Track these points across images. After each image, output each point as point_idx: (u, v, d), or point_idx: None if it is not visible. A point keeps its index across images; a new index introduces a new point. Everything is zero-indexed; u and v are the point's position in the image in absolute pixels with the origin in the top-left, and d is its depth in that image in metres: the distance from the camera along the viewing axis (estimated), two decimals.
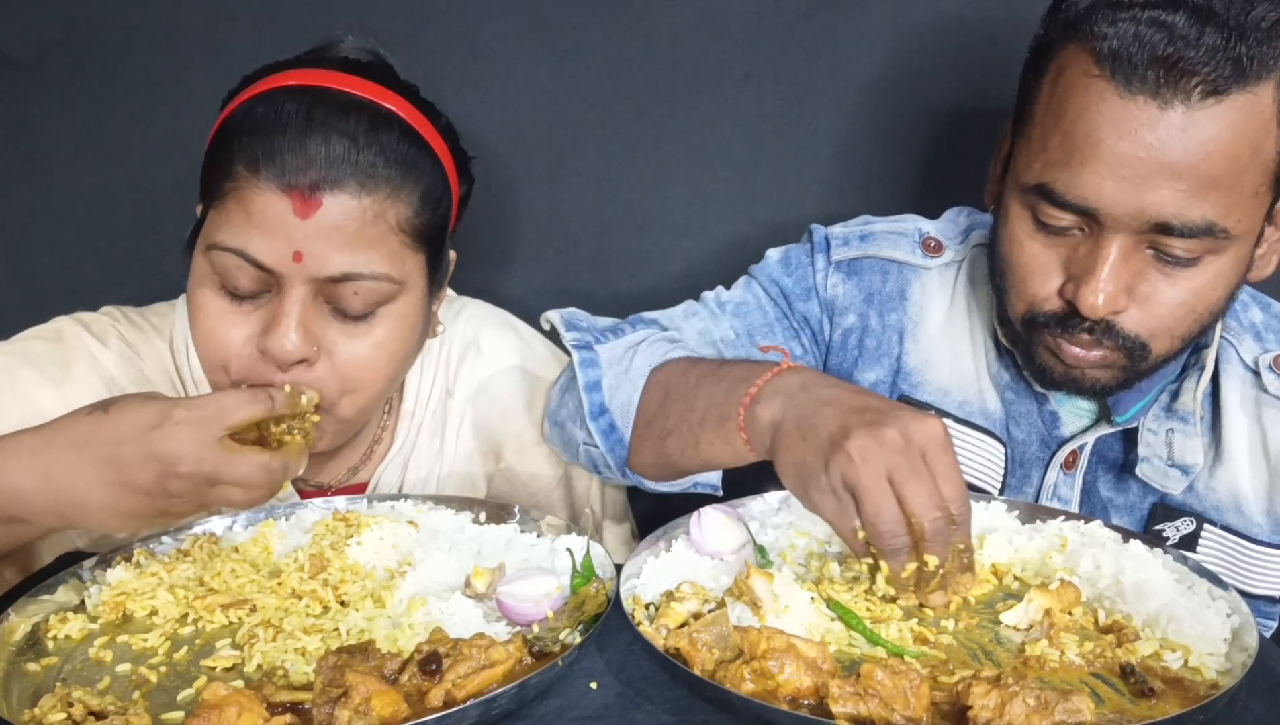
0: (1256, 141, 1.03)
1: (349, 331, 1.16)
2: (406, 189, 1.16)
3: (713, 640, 0.89)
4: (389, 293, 1.16)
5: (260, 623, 0.98)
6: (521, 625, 0.97)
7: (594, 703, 0.88)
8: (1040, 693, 0.81)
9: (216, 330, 1.14)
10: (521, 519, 1.16)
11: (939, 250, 1.35)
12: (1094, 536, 1.09)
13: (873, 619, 0.97)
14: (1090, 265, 1.08)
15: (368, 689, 0.82)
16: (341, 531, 1.12)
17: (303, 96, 1.14)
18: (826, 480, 0.95)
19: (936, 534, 0.93)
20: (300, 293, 1.12)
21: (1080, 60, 1.07)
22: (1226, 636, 0.92)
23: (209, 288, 1.15)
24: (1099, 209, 1.06)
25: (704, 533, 1.07)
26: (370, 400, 1.20)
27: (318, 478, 1.35)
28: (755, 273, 1.40)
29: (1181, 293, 1.09)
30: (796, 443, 0.99)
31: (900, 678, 0.82)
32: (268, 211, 1.10)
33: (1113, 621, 0.96)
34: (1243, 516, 1.23)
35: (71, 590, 1.05)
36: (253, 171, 1.10)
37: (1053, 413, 1.28)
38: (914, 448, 0.93)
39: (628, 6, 1.67)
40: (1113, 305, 1.08)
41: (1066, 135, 1.07)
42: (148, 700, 0.88)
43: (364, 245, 1.12)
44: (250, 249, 1.10)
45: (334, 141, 1.11)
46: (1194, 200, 1.03)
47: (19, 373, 1.22)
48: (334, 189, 1.11)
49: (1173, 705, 0.84)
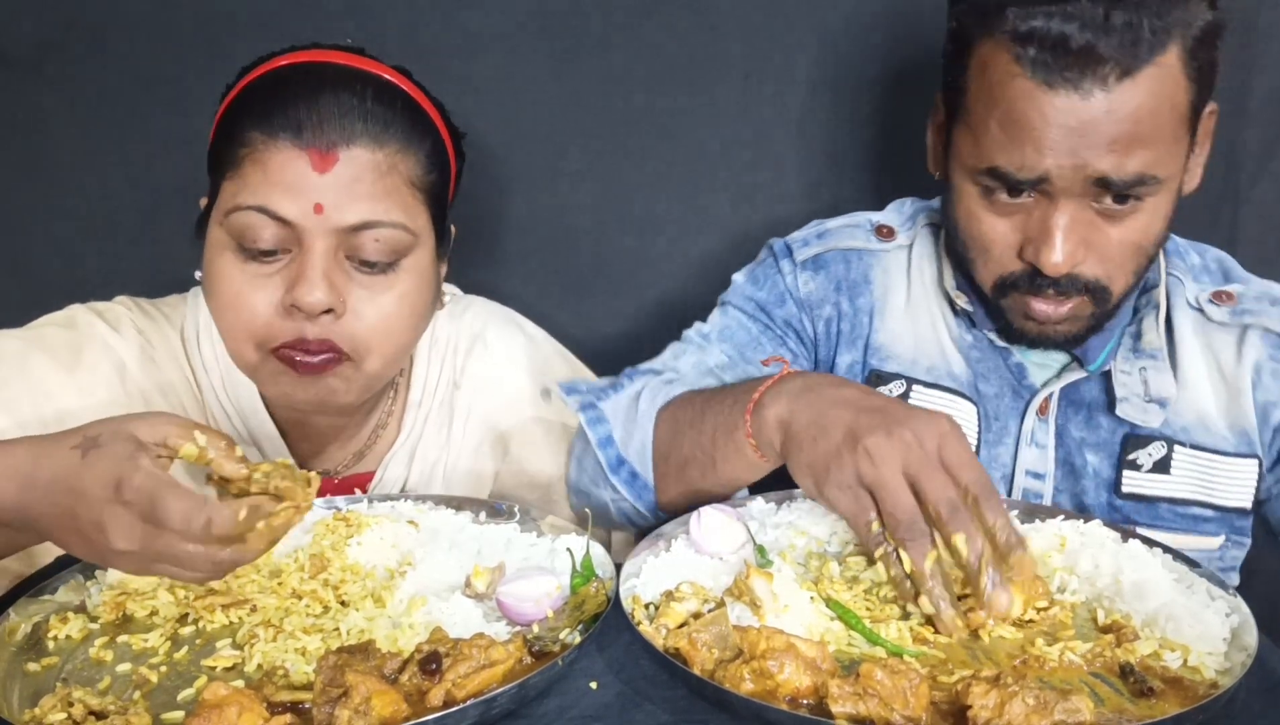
0: (1171, 98, 1.14)
1: (372, 286, 1.18)
2: (415, 145, 1.20)
3: (712, 640, 0.89)
4: (407, 243, 1.19)
5: (260, 622, 0.98)
6: (521, 625, 0.97)
7: (594, 702, 0.88)
8: (1040, 692, 0.81)
9: (241, 294, 1.16)
10: (521, 519, 1.16)
11: (891, 235, 1.44)
12: (1093, 536, 1.09)
13: (872, 619, 0.97)
14: (1046, 228, 1.18)
15: (368, 689, 0.82)
16: (342, 531, 1.12)
17: (309, 70, 1.19)
18: (844, 477, 0.98)
19: (954, 514, 0.94)
20: (323, 246, 1.14)
21: (1000, 58, 1.15)
22: (1226, 636, 0.92)
23: (229, 253, 1.16)
24: (1047, 178, 1.16)
25: (703, 532, 1.07)
26: (395, 353, 1.23)
27: (324, 464, 1.36)
28: (727, 299, 1.46)
29: (1129, 233, 1.20)
30: (809, 443, 1.02)
31: (899, 677, 0.82)
32: (286, 169, 1.13)
33: (1112, 621, 0.96)
34: (1209, 433, 1.32)
35: (71, 590, 1.05)
36: (269, 135, 1.14)
37: (1019, 364, 1.36)
38: (928, 444, 0.97)
39: (627, 7, 1.67)
40: (1072, 260, 1.18)
41: (1003, 123, 1.16)
42: (148, 700, 0.88)
43: (381, 195, 1.16)
44: (272, 204, 1.13)
45: (345, 101, 1.15)
46: (1127, 158, 1.13)
47: (32, 358, 1.22)
48: (349, 144, 1.14)
49: (1172, 705, 0.85)
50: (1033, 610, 0.98)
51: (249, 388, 1.28)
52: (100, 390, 1.24)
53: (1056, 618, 0.98)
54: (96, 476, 0.88)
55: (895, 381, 1.38)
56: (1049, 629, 0.97)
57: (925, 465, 0.96)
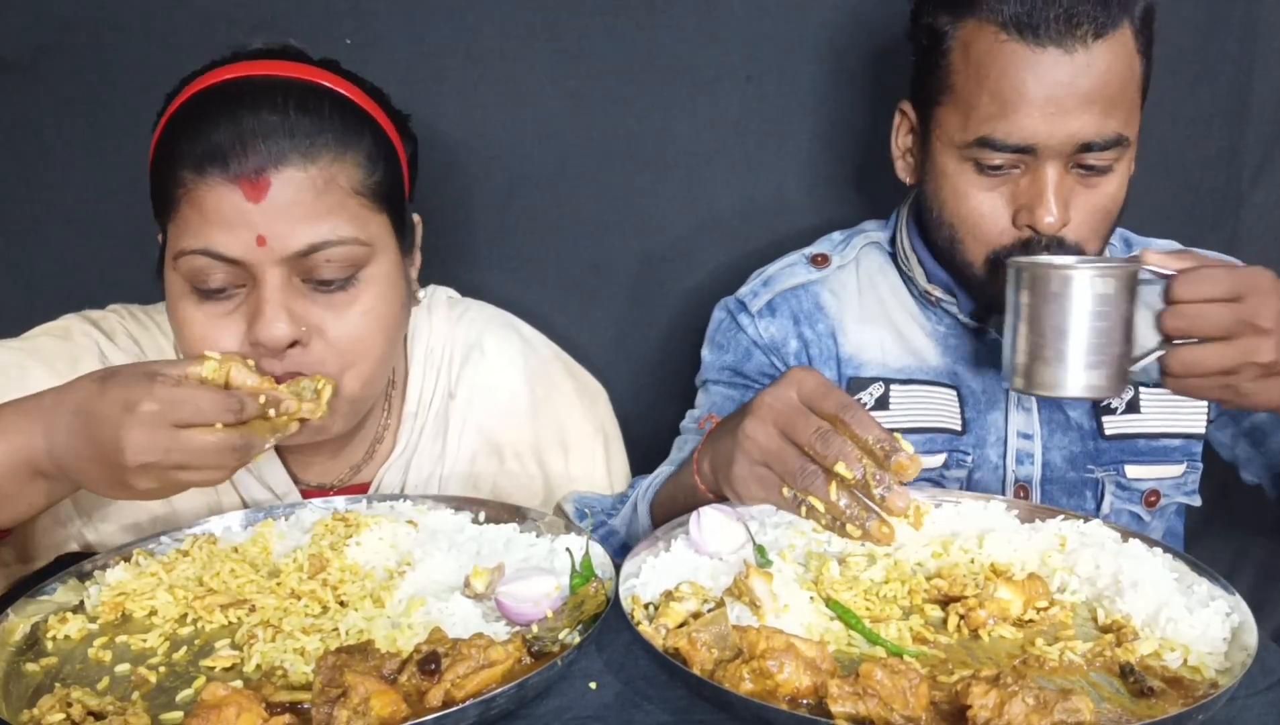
0: (1132, 64, 1.29)
1: (334, 306, 1.15)
2: (350, 151, 1.15)
3: (712, 640, 0.89)
4: (362, 256, 1.16)
5: (259, 623, 0.98)
6: (521, 625, 0.97)
7: (593, 702, 0.88)
8: (1040, 692, 0.81)
9: (206, 338, 1.14)
10: (521, 519, 1.16)
11: (826, 261, 1.55)
12: (1093, 536, 1.09)
13: (872, 619, 0.97)
14: (1038, 191, 1.29)
15: (367, 689, 0.82)
16: (341, 531, 1.12)
17: (226, 90, 1.15)
18: (743, 469, 1.04)
19: (826, 443, 0.98)
20: (275, 277, 1.12)
21: (985, 32, 1.28)
22: (1226, 636, 0.92)
23: (186, 299, 1.15)
24: (1036, 144, 1.27)
25: (703, 532, 1.07)
26: (372, 371, 1.20)
27: (320, 478, 1.34)
28: (704, 378, 1.55)
29: (1102, 199, 1.32)
30: (722, 466, 1.09)
31: (899, 677, 0.82)
32: (221, 205, 1.10)
33: (1112, 621, 0.96)
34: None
35: (71, 590, 1.05)
36: (198, 172, 1.11)
37: (994, 340, 1.44)
38: (785, 396, 1.02)
39: (629, 10, 1.67)
40: (1064, 217, 1.29)
41: (994, 93, 1.28)
42: (147, 700, 0.88)
43: (323, 213, 1.12)
44: (214, 245, 1.11)
45: (266, 121, 1.11)
46: (1106, 118, 1.27)
47: (29, 369, 1.22)
48: (279, 166, 1.11)
49: (1172, 705, 0.84)
50: (1033, 610, 0.98)
51: None
52: None
53: (1056, 618, 0.98)
54: (113, 399, 1.00)
55: (874, 384, 1.47)
56: (1049, 629, 0.97)
57: (787, 414, 1.01)
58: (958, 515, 1.15)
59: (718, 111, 1.70)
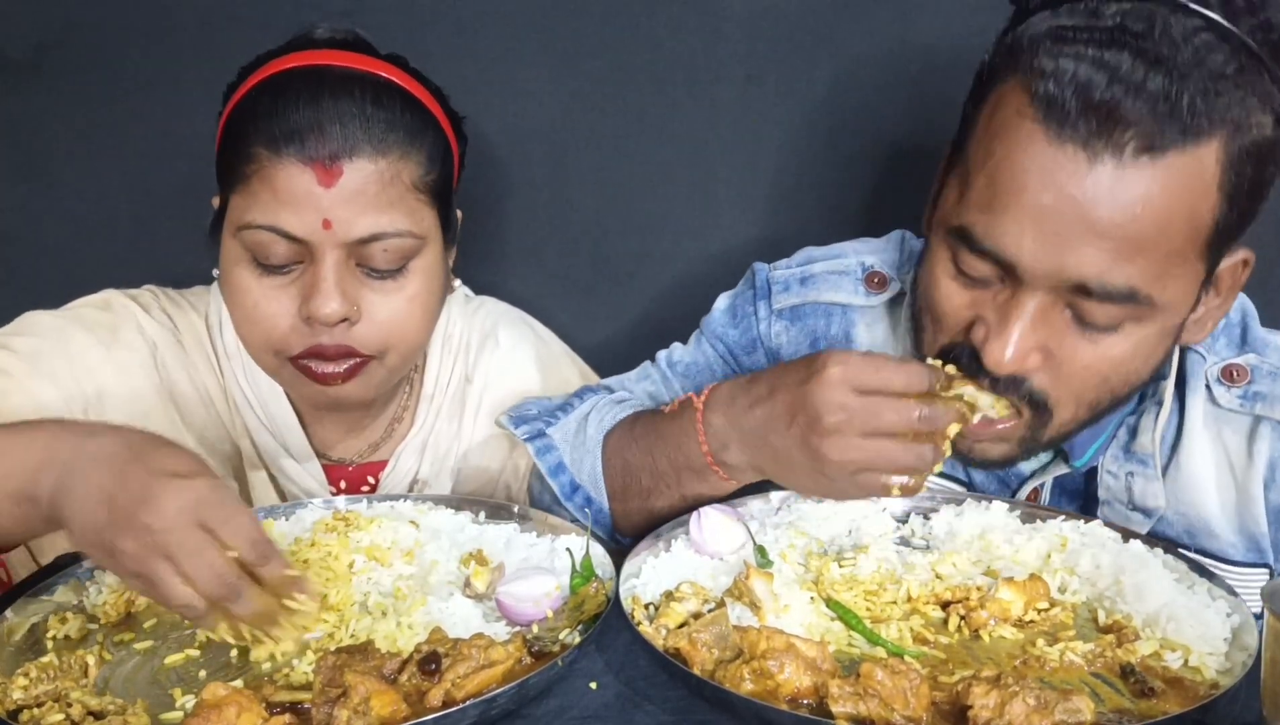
0: (1193, 206, 0.95)
1: (383, 290, 1.21)
2: (415, 149, 1.21)
3: (712, 640, 0.89)
4: (414, 248, 1.21)
5: None
6: (521, 625, 0.97)
7: (593, 702, 0.88)
8: (1040, 693, 0.81)
9: (259, 306, 1.19)
10: (521, 519, 1.16)
11: (883, 286, 1.28)
12: (1094, 536, 1.09)
13: (872, 619, 0.97)
14: (1004, 317, 1.01)
15: (367, 689, 0.82)
16: (341, 531, 1.12)
17: (308, 76, 1.20)
18: (846, 484, 1.01)
19: (934, 418, 0.98)
20: (333, 258, 1.17)
21: (1016, 96, 0.98)
22: (1226, 636, 0.92)
23: (244, 267, 1.20)
24: (1016, 263, 0.98)
25: (704, 533, 1.07)
26: (412, 349, 1.27)
27: (341, 454, 1.39)
28: (705, 326, 1.37)
29: (1097, 360, 1.02)
30: (799, 483, 1.05)
31: (900, 677, 0.82)
32: (293, 186, 1.15)
33: (1113, 621, 0.96)
34: (1215, 539, 1.17)
35: (71, 590, 1.05)
36: (273, 151, 1.15)
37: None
38: (852, 408, 0.97)
39: (628, 8, 1.67)
40: (1020, 363, 1.01)
41: (991, 177, 0.99)
42: (147, 700, 0.88)
43: (386, 205, 1.18)
44: (281, 223, 1.15)
45: (346, 112, 1.16)
46: (1118, 263, 0.95)
47: (72, 334, 1.27)
48: (352, 156, 1.16)
49: (1173, 705, 0.85)
50: (1033, 611, 0.98)
51: (270, 378, 1.31)
52: (136, 372, 1.28)
53: (1057, 618, 0.97)
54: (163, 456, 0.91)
55: None
56: (1050, 629, 0.97)
57: (863, 417, 0.97)
58: (958, 515, 1.14)
59: (717, 110, 1.70)
